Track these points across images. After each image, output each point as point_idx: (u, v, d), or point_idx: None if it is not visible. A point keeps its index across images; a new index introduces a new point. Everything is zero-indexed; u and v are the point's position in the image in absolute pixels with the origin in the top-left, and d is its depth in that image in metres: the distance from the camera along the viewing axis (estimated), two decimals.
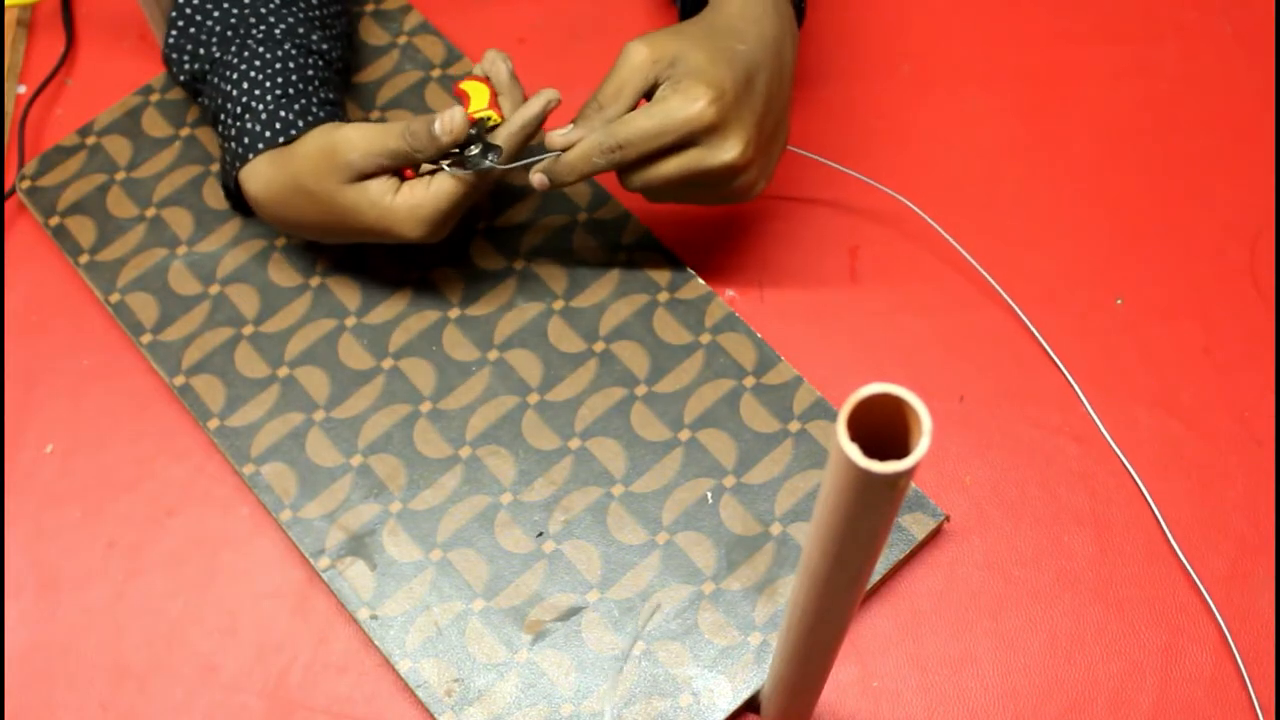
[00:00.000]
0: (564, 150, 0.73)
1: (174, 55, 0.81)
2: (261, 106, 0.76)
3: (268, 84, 0.76)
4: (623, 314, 0.81)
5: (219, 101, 0.78)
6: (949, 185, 0.86)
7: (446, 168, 0.73)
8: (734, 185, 0.74)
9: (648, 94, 0.73)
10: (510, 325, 0.81)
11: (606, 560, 0.74)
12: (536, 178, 0.74)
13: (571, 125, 0.73)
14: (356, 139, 0.73)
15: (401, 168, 0.73)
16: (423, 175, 0.74)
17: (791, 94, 0.76)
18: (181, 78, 0.81)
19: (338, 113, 0.78)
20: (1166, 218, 0.85)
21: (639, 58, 0.72)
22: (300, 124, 0.75)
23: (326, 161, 0.73)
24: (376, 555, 0.74)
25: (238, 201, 0.81)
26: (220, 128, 0.78)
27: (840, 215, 0.85)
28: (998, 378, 0.80)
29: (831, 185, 0.86)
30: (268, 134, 0.75)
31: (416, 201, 0.73)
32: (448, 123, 0.71)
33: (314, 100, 0.77)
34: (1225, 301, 0.82)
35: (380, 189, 0.73)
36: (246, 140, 0.76)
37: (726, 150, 0.72)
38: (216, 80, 0.78)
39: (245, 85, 0.77)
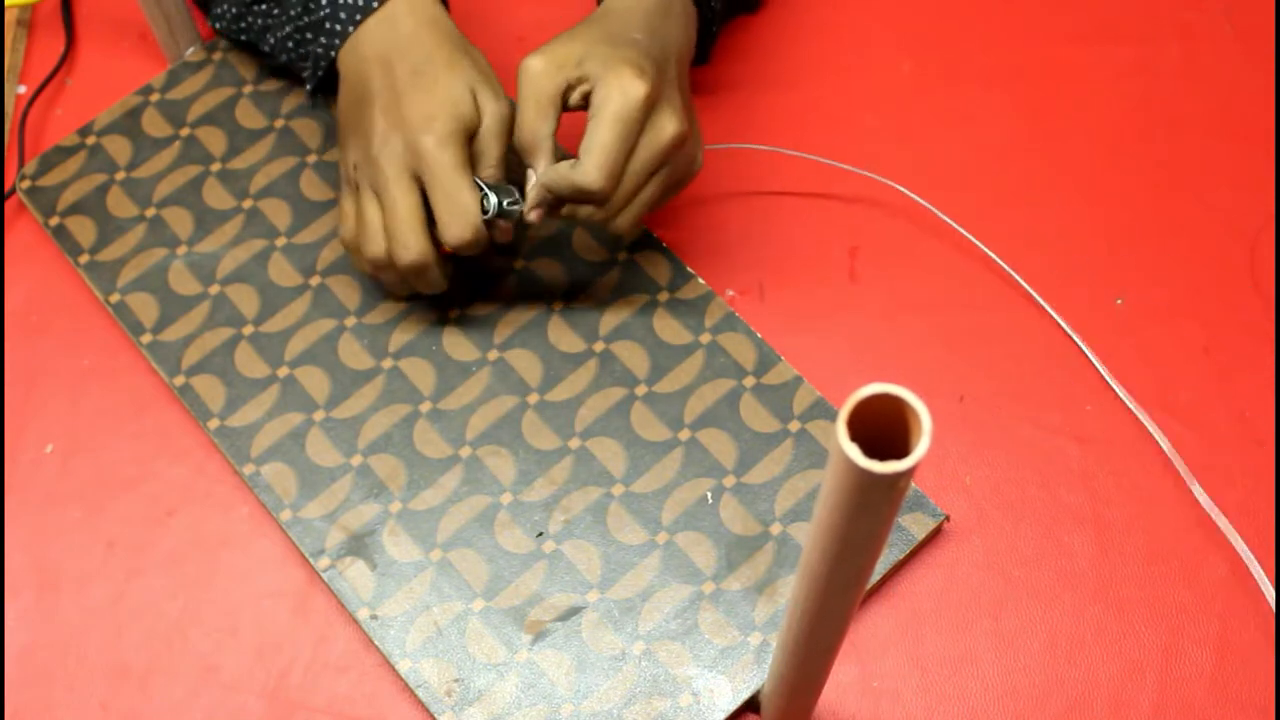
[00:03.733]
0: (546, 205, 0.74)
1: None
2: None
3: None
4: (623, 314, 0.81)
5: None
6: (949, 185, 0.86)
7: (494, 198, 0.73)
8: (681, 164, 0.74)
9: (566, 103, 0.73)
10: (510, 325, 0.81)
11: (606, 560, 0.74)
12: (531, 214, 0.74)
13: (530, 172, 0.74)
14: (505, 113, 0.75)
15: (489, 156, 0.74)
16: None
17: (687, 72, 0.77)
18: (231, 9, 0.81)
19: None
20: (1166, 218, 0.85)
21: (537, 69, 0.72)
22: None
23: (489, 75, 0.75)
24: (376, 555, 0.74)
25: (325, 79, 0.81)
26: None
27: (840, 215, 0.85)
28: (998, 378, 0.80)
29: (831, 185, 0.86)
30: None
31: (460, 149, 0.73)
32: (529, 178, 0.74)
33: None
34: (1225, 301, 0.82)
35: (471, 124, 0.73)
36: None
37: (668, 123, 0.72)
38: None
39: None
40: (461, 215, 0.72)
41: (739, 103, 0.89)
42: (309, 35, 0.79)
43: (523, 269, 0.82)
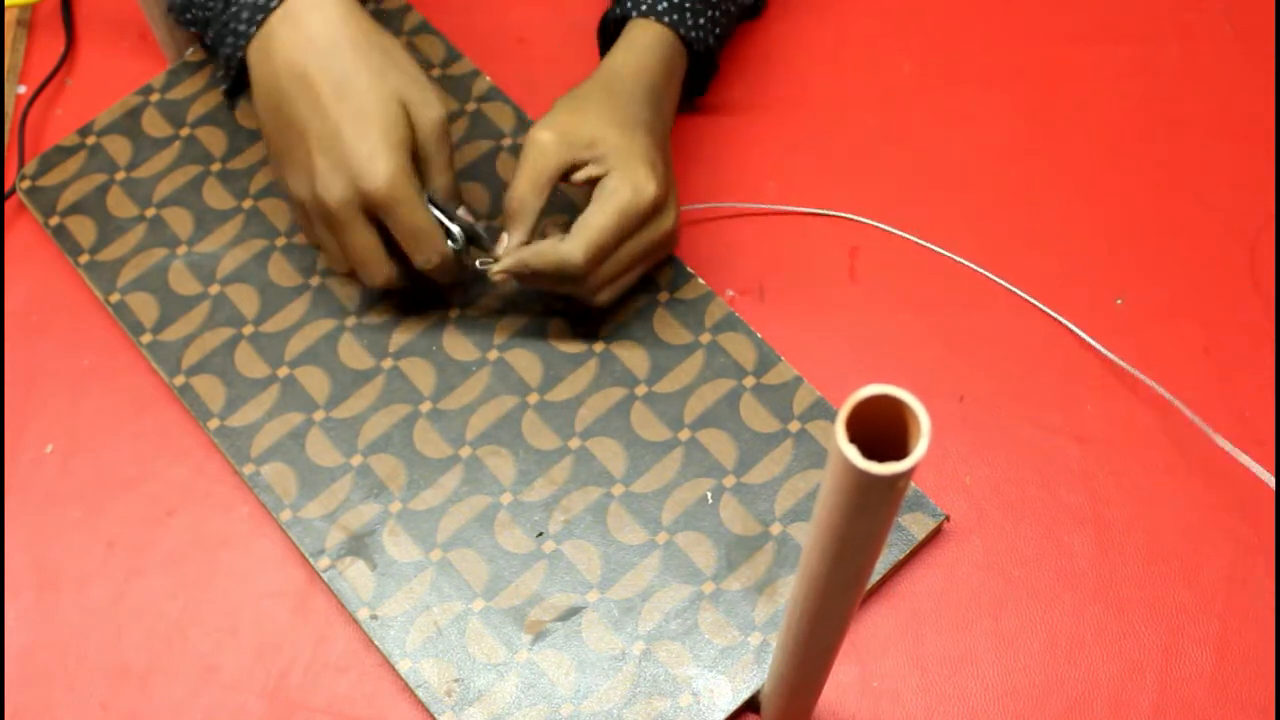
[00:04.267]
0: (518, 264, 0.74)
1: None
2: None
3: None
4: (623, 314, 0.81)
5: None
6: (947, 185, 0.86)
7: (442, 218, 0.74)
8: (665, 250, 0.77)
9: (565, 176, 0.74)
10: (510, 325, 0.81)
11: (606, 560, 0.74)
12: (497, 276, 0.75)
13: (504, 233, 0.74)
14: (443, 114, 0.72)
15: (419, 163, 0.73)
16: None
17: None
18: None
19: None
20: (1166, 218, 0.85)
21: (547, 143, 0.73)
22: None
23: (417, 75, 0.72)
24: (376, 555, 0.74)
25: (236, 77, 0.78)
26: None
27: (839, 214, 0.85)
28: (998, 378, 0.80)
29: (832, 185, 0.86)
30: None
31: (408, 176, 0.71)
32: (469, 215, 0.75)
33: None
34: (1225, 301, 0.82)
35: (409, 136, 0.72)
36: None
37: (666, 219, 0.75)
38: None
39: None
40: (428, 247, 0.73)
41: (739, 104, 0.89)
42: (221, 34, 0.76)
43: None
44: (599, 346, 0.80)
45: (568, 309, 0.81)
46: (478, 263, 0.75)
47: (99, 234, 0.84)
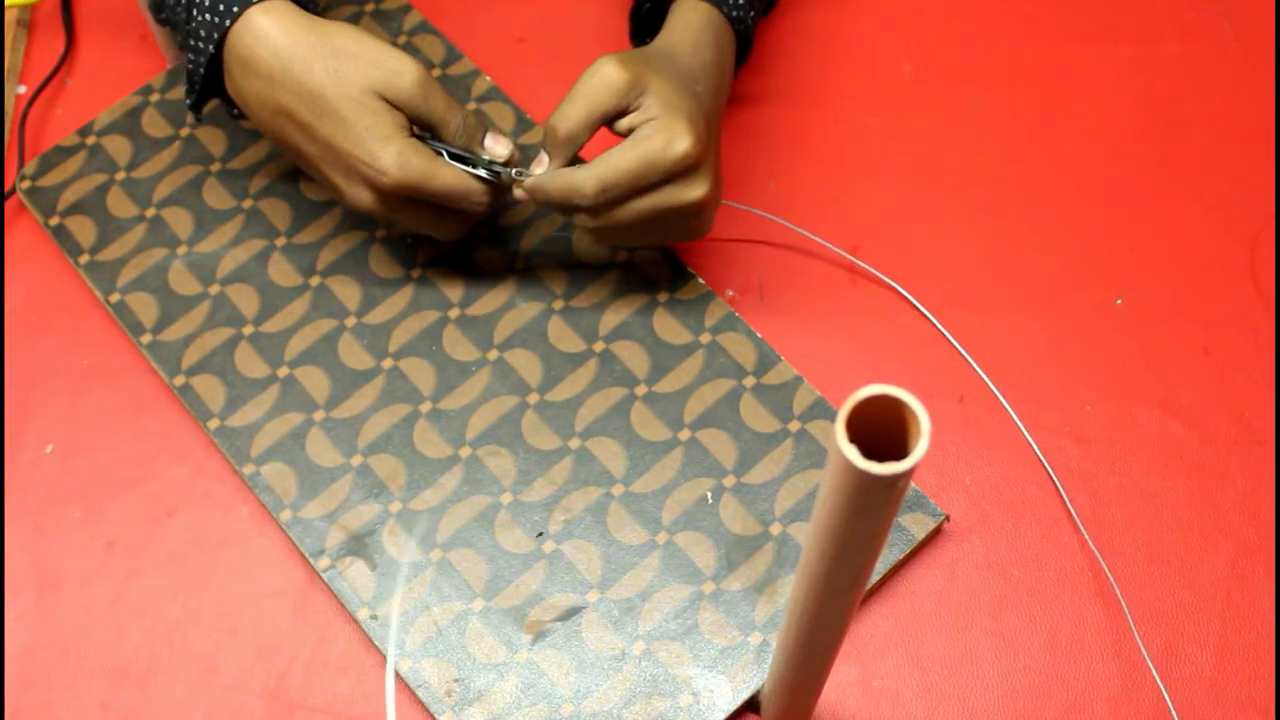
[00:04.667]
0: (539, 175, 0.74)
1: None
2: None
3: None
4: (623, 314, 0.81)
5: None
6: (948, 185, 0.86)
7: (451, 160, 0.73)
8: (691, 224, 0.74)
9: (612, 120, 0.73)
10: (510, 325, 0.81)
11: (606, 560, 0.74)
12: (519, 192, 0.75)
13: (542, 149, 0.74)
14: (417, 73, 0.72)
15: (417, 130, 0.73)
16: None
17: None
18: None
19: None
20: (1166, 218, 0.85)
21: (615, 78, 0.71)
22: None
23: (375, 55, 0.71)
24: (376, 555, 0.74)
25: (206, 83, 0.77)
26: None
27: (840, 215, 0.85)
28: (998, 378, 0.80)
29: (832, 185, 0.86)
30: None
31: (413, 155, 0.71)
32: (499, 142, 0.74)
33: None
34: (1225, 301, 0.82)
35: (397, 116, 0.72)
36: None
37: (696, 188, 0.72)
38: None
39: None
40: (465, 203, 0.74)
41: (739, 104, 0.89)
42: (185, 43, 0.76)
43: (523, 269, 0.82)
44: (599, 346, 0.80)
45: (568, 308, 0.81)
46: (513, 171, 0.74)
47: (99, 234, 0.84)
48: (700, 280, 0.82)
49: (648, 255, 0.82)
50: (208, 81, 0.76)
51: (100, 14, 0.93)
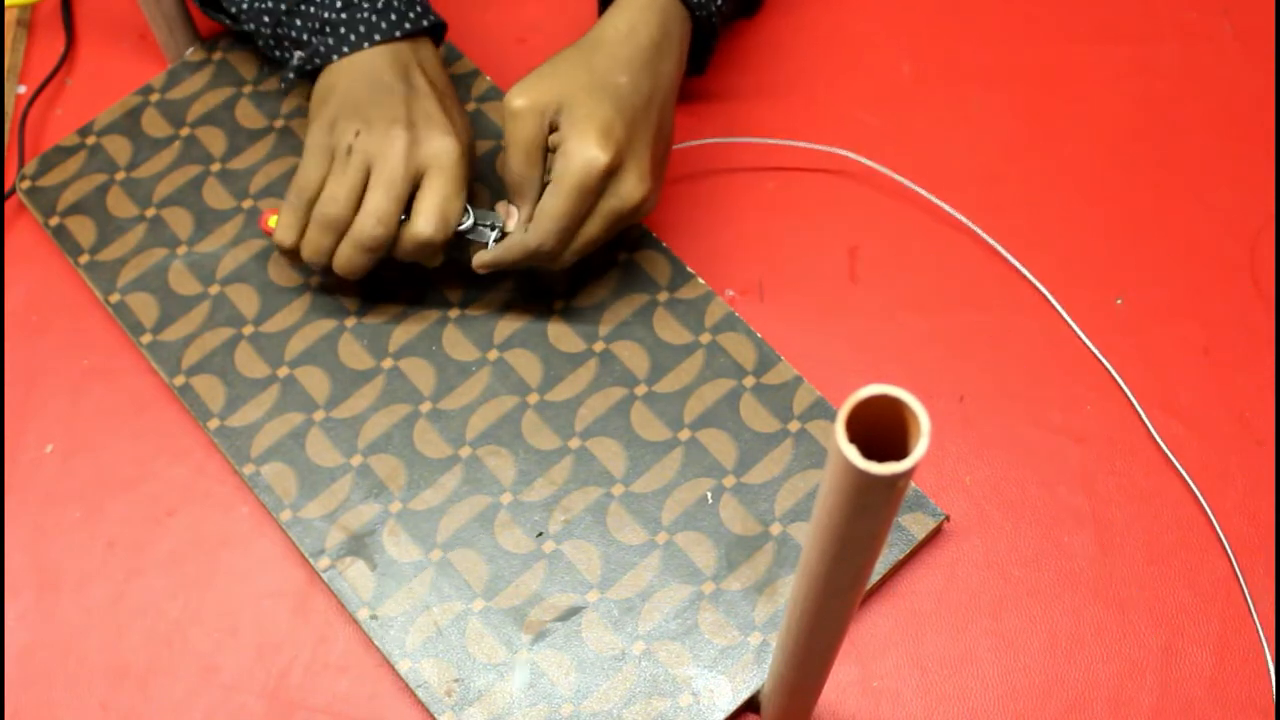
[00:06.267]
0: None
1: None
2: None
3: None
4: (623, 314, 0.81)
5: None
6: (948, 185, 0.86)
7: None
8: (641, 210, 0.75)
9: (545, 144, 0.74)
10: (510, 325, 0.81)
11: (606, 560, 0.74)
12: (478, 265, 0.76)
13: (511, 208, 0.76)
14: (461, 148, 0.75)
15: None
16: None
17: (675, 99, 0.77)
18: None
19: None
20: (1166, 218, 0.85)
21: (522, 111, 0.73)
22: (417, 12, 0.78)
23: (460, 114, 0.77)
24: (376, 555, 0.74)
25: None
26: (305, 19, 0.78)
27: (840, 215, 0.85)
28: (998, 378, 0.80)
29: (832, 185, 0.86)
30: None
31: (466, 163, 0.75)
32: (512, 215, 0.76)
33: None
34: (1225, 301, 0.82)
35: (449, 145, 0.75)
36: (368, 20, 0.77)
37: (628, 186, 0.73)
38: None
39: None
40: (442, 218, 0.74)
41: (739, 104, 0.89)
42: (314, 25, 0.78)
43: (523, 269, 0.82)
44: (599, 346, 0.80)
45: (568, 308, 0.81)
46: (479, 223, 0.76)
47: (99, 234, 0.84)
48: (700, 280, 0.82)
49: (648, 255, 0.83)
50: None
51: (100, 14, 0.93)
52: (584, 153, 0.71)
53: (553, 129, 0.74)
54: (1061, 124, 0.89)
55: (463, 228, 0.76)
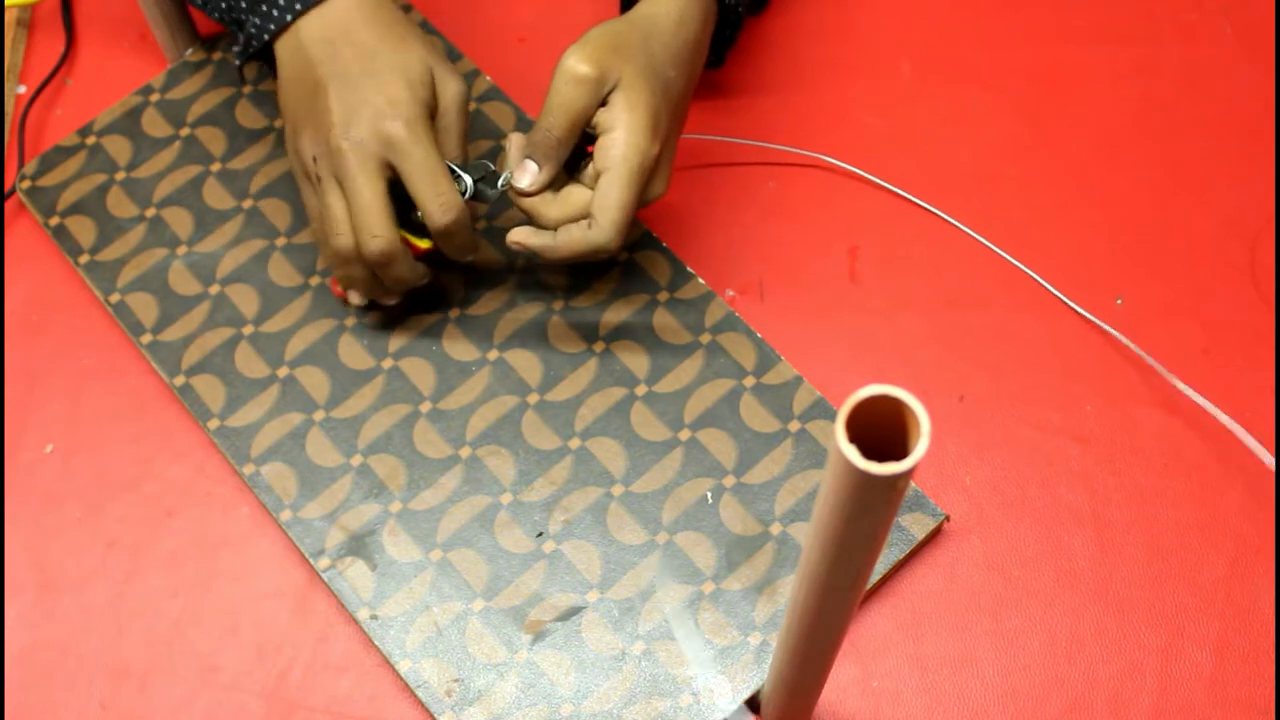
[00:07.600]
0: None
1: None
2: None
3: None
4: (623, 314, 0.81)
5: None
6: (948, 185, 0.86)
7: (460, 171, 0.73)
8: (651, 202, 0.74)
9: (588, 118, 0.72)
10: (510, 325, 0.81)
11: (606, 560, 0.74)
12: (516, 245, 0.74)
13: (537, 167, 0.72)
14: (463, 91, 0.73)
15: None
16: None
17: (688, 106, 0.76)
18: None
19: None
20: (1166, 218, 0.85)
21: (586, 79, 0.70)
22: None
23: (441, 58, 0.74)
24: (376, 555, 0.74)
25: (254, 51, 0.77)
26: None
27: (840, 215, 0.85)
28: (998, 378, 0.80)
29: (832, 185, 0.86)
30: None
31: (427, 128, 0.71)
32: (527, 170, 0.72)
33: None
34: (1225, 301, 0.82)
35: (426, 97, 0.72)
36: None
37: (660, 182, 0.73)
38: None
39: None
40: (443, 197, 0.71)
41: (740, 104, 0.89)
42: (243, 4, 0.76)
43: (523, 269, 0.82)
44: (599, 346, 0.80)
45: (568, 308, 0.81)
46: (499, 182, 0.73)
47: (99, 234, 0.84)
48: (700, 280, 0.82)
49: (648, 255, 0.83)
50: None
51: (100, 14, 0.93)
52: (639, 142, 0.70)
53: (602, 103, 0.71)
54: (1062, 124, 0.89)
55: (465, 195, 0.73)
